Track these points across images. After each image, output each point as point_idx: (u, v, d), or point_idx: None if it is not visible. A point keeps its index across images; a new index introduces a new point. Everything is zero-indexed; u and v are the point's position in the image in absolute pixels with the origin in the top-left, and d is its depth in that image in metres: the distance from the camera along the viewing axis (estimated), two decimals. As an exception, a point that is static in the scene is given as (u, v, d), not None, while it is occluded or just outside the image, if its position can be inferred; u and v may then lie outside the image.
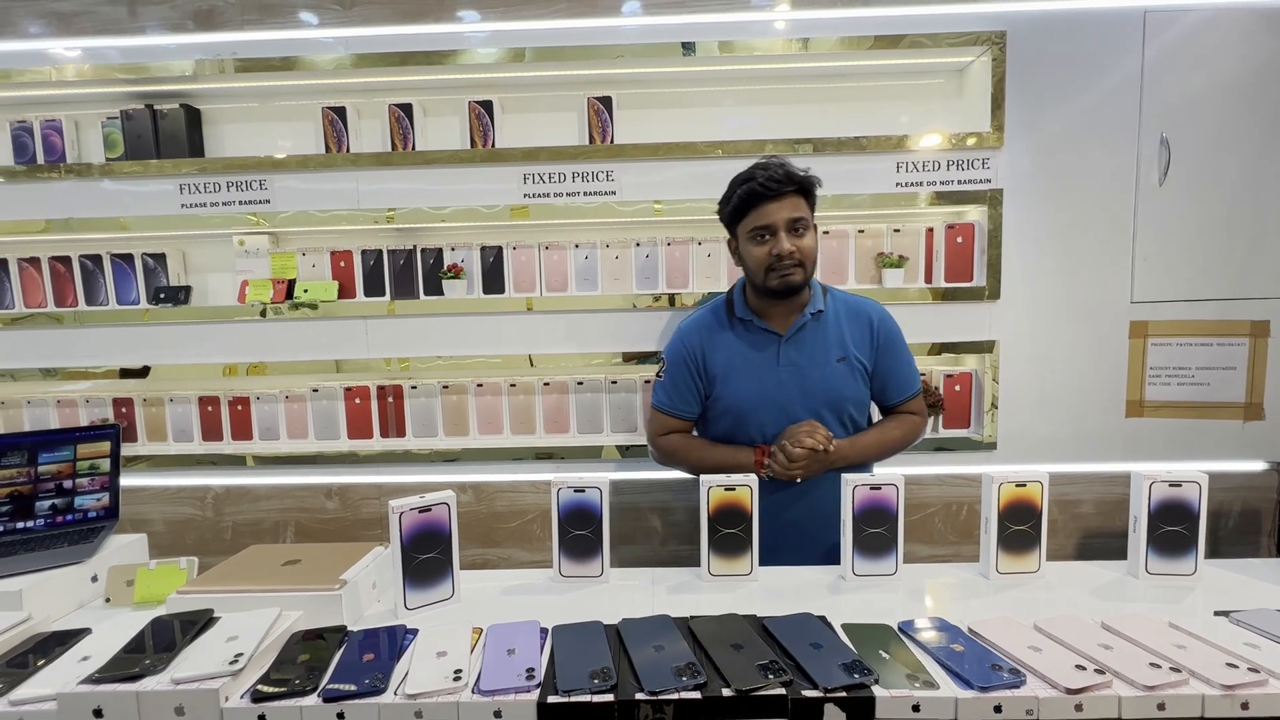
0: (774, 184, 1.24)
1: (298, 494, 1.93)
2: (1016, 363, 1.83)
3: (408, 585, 1.04)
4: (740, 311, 1.37)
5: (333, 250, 1.93)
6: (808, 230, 1.28)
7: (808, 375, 1.32)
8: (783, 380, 1.32)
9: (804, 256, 1.27)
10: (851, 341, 1.34)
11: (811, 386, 1.31)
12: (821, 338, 1.34)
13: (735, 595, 1.10)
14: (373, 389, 1.95)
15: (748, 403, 1.34)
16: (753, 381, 1.34)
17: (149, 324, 1.91)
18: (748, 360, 1.34)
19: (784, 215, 1.25)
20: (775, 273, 1.26)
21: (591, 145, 1.84)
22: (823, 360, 1.32)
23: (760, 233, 1.26)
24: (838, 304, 1.38)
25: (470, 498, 1.91)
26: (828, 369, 1.32)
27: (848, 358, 1.33)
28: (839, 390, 1.32)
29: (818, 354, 1.33)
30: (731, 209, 1.30)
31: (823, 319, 1.35)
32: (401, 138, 1.88)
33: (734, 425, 1.36)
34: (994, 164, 1.79)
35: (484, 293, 1.92)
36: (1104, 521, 1.86)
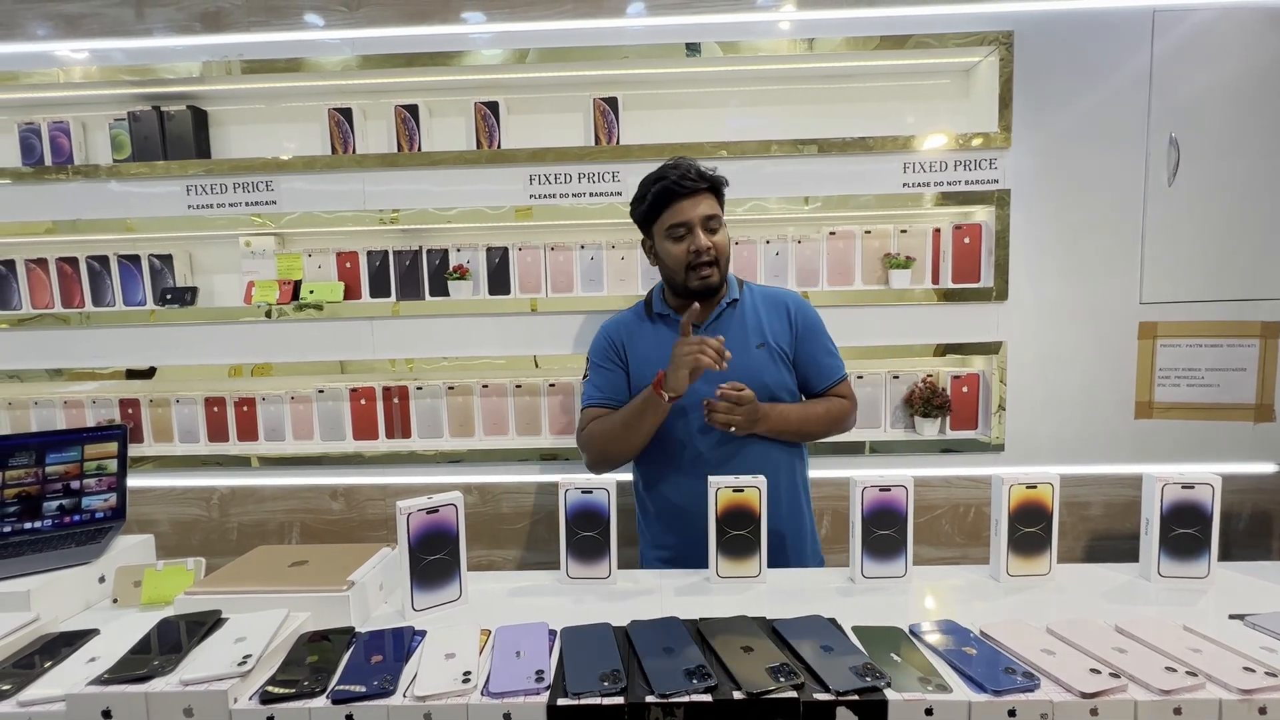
0: (688, 182, 1.28)
1: (303, 495, 1.93)
2: (1024, 364, 1.82)
3: (415, 586, 1.03)
4: (659, 308, 1.41)
5: (338, 251, 1.93)
6: (721, 227, 1.33)
7: (729, 363, 1.30)
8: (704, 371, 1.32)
9: (719, 253, 1.31)
10: (770, 329, 1.37)
11: (733, 374, 1.30)
12: (740, 325, 1.36)
13: (744, 597, 1.10)
14: (378, 390, 1.95)
15: None
16: None
17: (155, 325, 1.91)
18: (668, 354, 1.32)
19: (699, 212, 1.29)
20: (694, 272, 1.30)
21: (597, 146, 1.84)
22: (743, 348, 1.34)
23: (677, 230, 1.30)
24: (754, 294, 1.41)
25: (475, 499, 1.91)
26: (748, 355, 1.34)
27: (767, 344, 1.36)
28: (761, 376, 1.34)
29: (737, 342, 1.34)
30: (646, 208, 1.33)
31: (740, 307, 1.38)
32: (407, 139, 1.88)
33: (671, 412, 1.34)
34: (1001, 164, 1.78)
35: (490, 293, 1.92)
36: (1113, 523, 1.85)
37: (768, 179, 1.81)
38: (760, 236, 1.87)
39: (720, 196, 1.35)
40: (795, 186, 1.81)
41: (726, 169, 1.79)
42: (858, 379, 1.89)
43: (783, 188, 1.81)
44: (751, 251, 1.87)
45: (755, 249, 1.87)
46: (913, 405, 1.87)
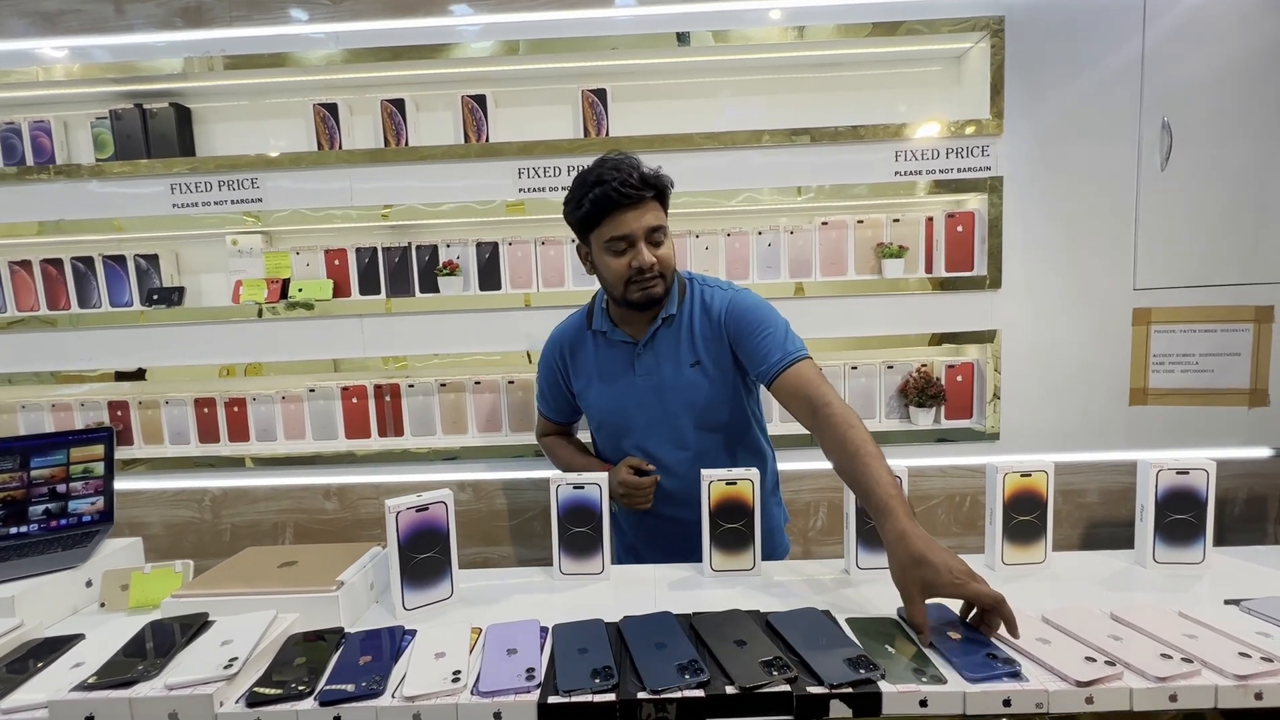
0: (630, 189, 1.11)
1: (296, 495, 1.91)
2: (1018, 352, 1.82)
3: (406, 585, 1.02)
4: (598, 323, 1.30)
5: (327, 249, 1.91)
6: (666, 238, 1.19)
7: (664, 383, 1.26)
8: (642, 390, 1.27)
9: (664, 268, 1.18)
10: (702, 342, 1.25)
11: (669, 395, 1.25)
12: (674, 343, 1.26)
13: (737, 590, 1.09)
14: (370, 388, 1.94)
15: (613, 415, 1.30)
16: (614, 394, 1.29)
17: (143, 326, 1.89)
18: (606, 373, 1.28)
19: (643, 224, 1.14)
20: (635, 285, 1.17)
21: (586, 138, 1.82)
22: (676, 366, 1.25)
23: (617, 244, 1.15)
24: (694, 303, 1.27)
25: (470, 496, 1.89)
26: (682, 375, 1.25)
27: (700, 361, 1.25)
28: (693, 397, 1.25)
29: (671, 360, 1.26)
30: (583, 215, 1.16)
31: (675, 323, 1.26)
32: (394, 133, 1.86)
33: (612, 436, 1.33)
34: (994, 151, 1.77)
35: (480, 289, 1.90)
36: (1109, 511, 1.85)
37: (759, 169, 1.80)
38: (752, 228, 1.86)
39: (665, 201, 1.19)
40: (787, 177, 1.80)
41: (717, 160, 1.79)
42: (851, 369, 1.88)
43: (774, 178, 1.80)
44: (744, 243, 1.86)
45: (748, 240, 1.86)
46: (907, 395, 1.86)
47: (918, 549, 0.85)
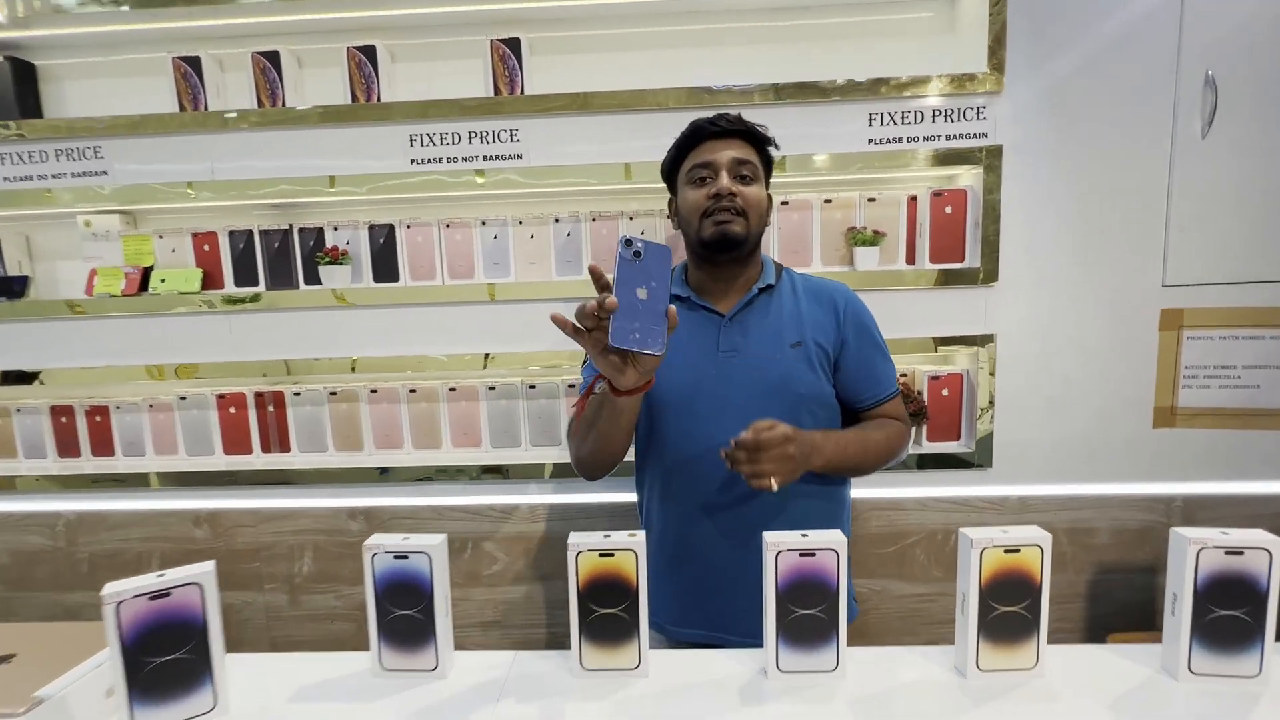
0: (723, 121, 1.05)
1: (163, 520, 1.64)
2: (1018, 361, 1.49)
3: (137, 702, 0.74)
4: (677, 288, 1.11)
5: (195, 232, 1.62)
6: (755, 181, 1.06)
7: (754, 363, 1.05)
8: (723, 368, 1.05)
9: (747, 204, 1.03)
10: (810, 324, 1.07)
11: (758, 376, 1.04)
12: (773, 318, 1.07)
13: (613, 701, 0.79)
14: (249, 396, 1.65)
15: (679, 394, 1.06)
16: (686, 369, 1.06)
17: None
18: (681, 344, 1.05)
19: (728, 154, 1.04)
20: (710, 219, 1.03)
21: (496, 98, 1.50)
22: (773, 345, 1.06)
23: (699, 173, 1.05)
24: (796, 282, 1.12)
25: (363, 526, 1.61)
26: (779, 355, 1.05)
27: (804, 342, 1.06)
28: (792, 382, 1.04)
29: (767, 337, 1.06)
30: (673, 152, 1.10)
31: (775, 295, 1.09)
32: (269, 93, 1.55)
33: (671, 421, 1.07)
34: (992, 114, 1.43)
35: (375, 280, 1.60)
36: (1123, 554, 1.53)
37: (703, 136, 1.47)
38: (697, 208, 1.53)
39: (763, 154, 1.08)
40: (738, 146, 1.47)
41: (648, 123, 1.47)
42: (816, 380, 1.57)
43: (722, 147, 1.47)
44: (686, 227, 1.54)
45: (691, 224, 1.54)
46: (882, 412, 1.54)
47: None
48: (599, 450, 1.02)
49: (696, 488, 1.06)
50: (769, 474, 0.91)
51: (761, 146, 1.07)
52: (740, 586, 1.05)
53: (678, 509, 1.09)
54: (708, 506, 1.06)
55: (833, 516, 1.11)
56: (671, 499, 1.09)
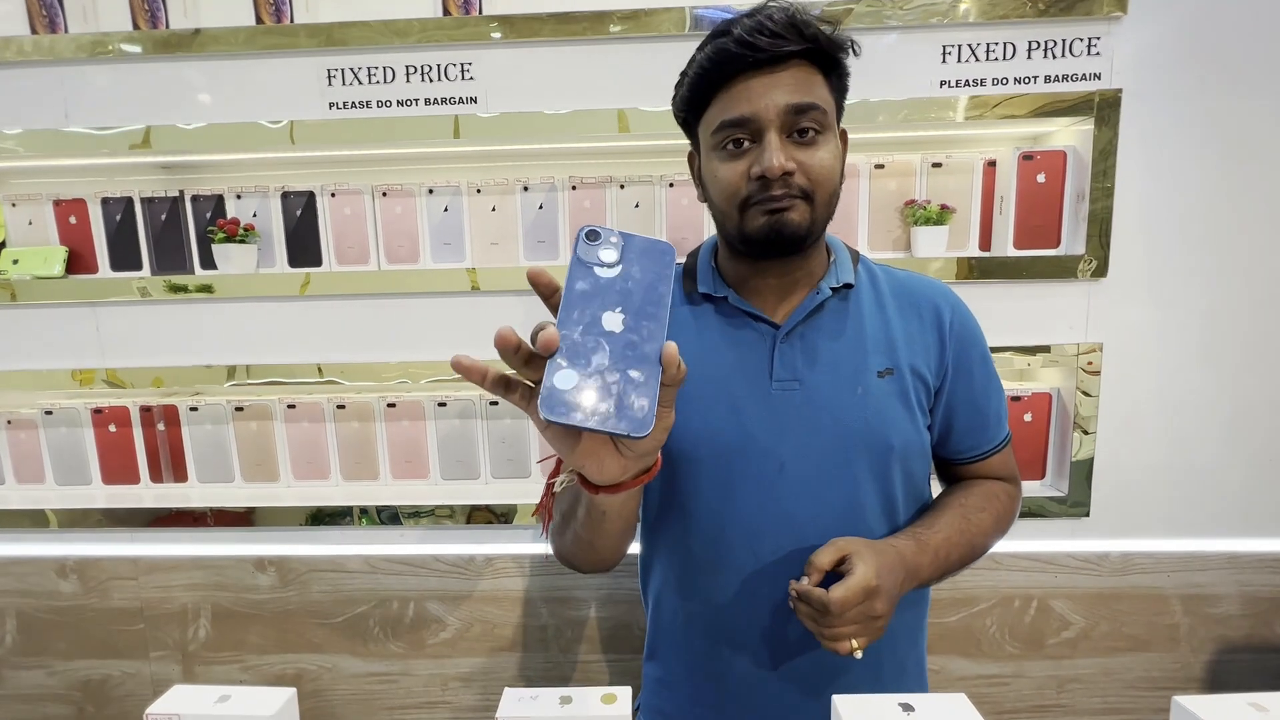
0: (763, 37, 0.61)
1: (19, 570, 1.28)
2: (1129, 378, 1.15)
3: None
4: (707, 284, 0.73)
5: (57, 199, 1.25)
6: (824, 135, 0.65)
7: (824, 402, 0.69)
8: (778, 409, 0.69)
9: (812, 180, 0.64)
10: (905, 343, 0.71)
11: (831, 423, 0.69)
12: (851, 334, 0.71)
13: None
14: (134, 411, 1.29)
15: (712, 447, 0.70)
16: (724, 410, 0.69)
17: None
18: (716, 368, 0.70)
19: (778, 100, 0.62)
20: (759, 207, 0.64)
21: (447, 18, 1.13)
22: (853, 374, 0.69)
23: (733, 133, 0.64)
24: (881, 282, 0.74)
25: (274, 580, 1.25)
26: (863, 388, 0.69)
27: (898, 369, 0.70)
28: (883, 429, 0.69)
29: (844, 363, 0.70)
30: (688, 89, 0.67)
31: (855, 301, 0.72)
32: (146, 12, 1.17)
33: (699, 488, 0.71)
34: (1108, 47, 1.07)
35: (290, 264, 1.24)
36: (1255, 628, 1.19)
37: (718, 76, 1.11)
38: (709, 174, 1.17)
39: (835, 76, 0.66)
40: (764, 90, 1.11)
41: (643, 55, 1.11)
42: (860, 399, 1.22)
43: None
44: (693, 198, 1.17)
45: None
46: (945, 441, 1.19)
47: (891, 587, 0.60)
48: (580, 556, 0.67)
49: (734, 591, 0.70)
50: (847, 636, 0.59)
51: (830, 64, 0.66)
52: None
53: (706, 620, 0.73)
54: (752, 623, 0.70)
55: (916, 624, 0.76)
56: (697, 599, 0.73)
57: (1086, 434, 1.16)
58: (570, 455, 0.45)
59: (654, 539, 0.77)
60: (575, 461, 0.46)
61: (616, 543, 0.64)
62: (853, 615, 0.58)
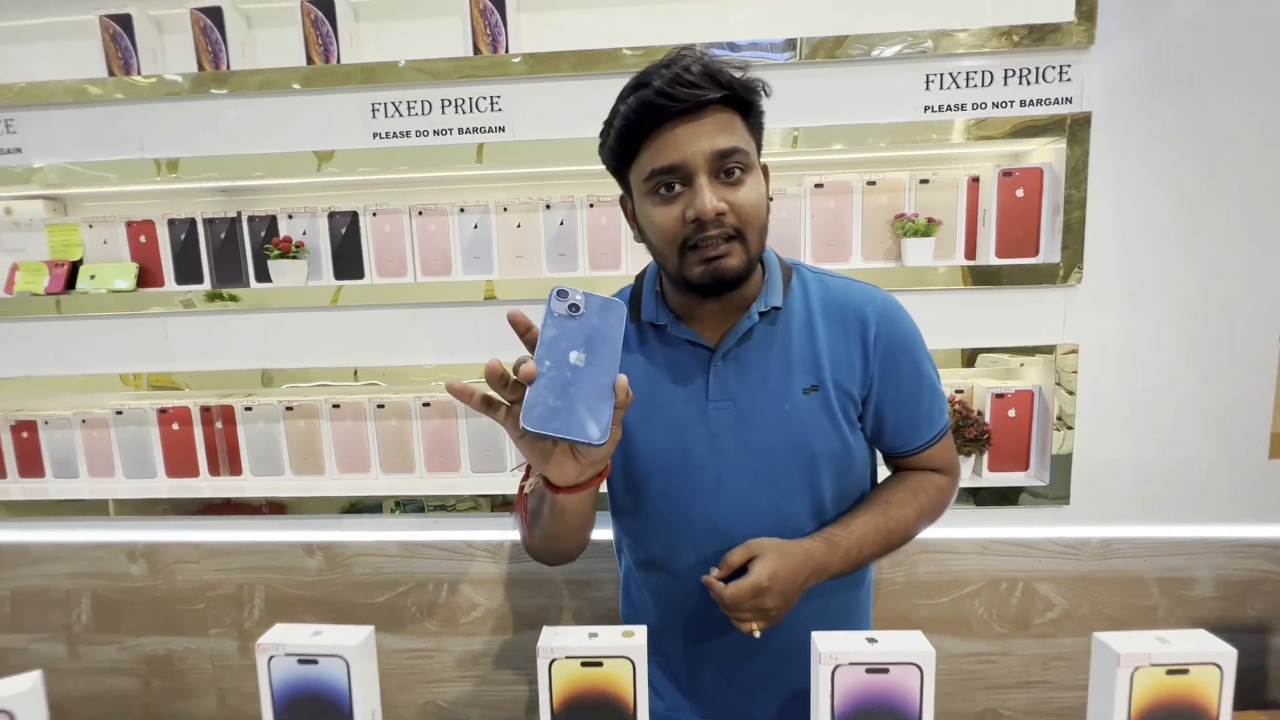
0: (682, 88, 0.66)
1: (94, 554, 1.42)
2: (1104, 376, 1.24)
3: None
4: (651, 312, 0.80)
5: (129, 221, 1.39)
6: (748, 174, 0.70)
7: (752, 414, 0.76)
8: (714, 426, 0.77)
9: (743, 220, 0.69)
10: (830, 359, 0.77)
11: (761, 438, 0.76)
12: (779, 353, 0.77)
13: None
14: (194, 411, 1.43)
15: (660, 461, 0.79)
16: (664, 429, 0.78)
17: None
18: (658, 392, 0.78)
19: (701, 147, 0.67)
20: (696, 253, 0.69)
21: (477, 57, 1.26)
22: (780, 391, 0.76)
23: (663, 179, 0.69)
24: (812, 296, 0.80)
25: (321, 563, 1.38)
26: (790, 404, 0.76)
27: (822, 385, 0.77)
28: (807, 440, 0.76)
29: (771, 380, 0.77)
30: (616, 140, 0.72)
31: (781, 320, 0.78)
32: (210, 56, 1.31)
33: (651, 496, 0.80)
34: (1079, 74, 1.17)
35: (336, 277, 1.37)
36: (1228, 608, 1.27)
37: (722, 104, 1.22)
38: (714, 192, 1.29)
39: (752, 117, 0.71)
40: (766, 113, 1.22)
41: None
42: (855, 397, 1.32)
43: (746, 118, 1.23)
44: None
45: (707, 210, 1.29)
46: (935, 436, 1.29)
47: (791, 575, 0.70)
48: (549, 549, 0.77)
49: (684, 584, 0.80)
50: (746, 621, 0.69)
51: (746, 107, 0.70)
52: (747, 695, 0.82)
53: (662, 602, 0.85)
54: (698, 608, 0.80)
55: (855, 603, 0.87)
56: (654, 585, 0.85)
57: (1067, 429, 1.25)
58: (539, 460, 0.58)
59: (621, 532, 0.88)
60: (542, 466, 0.58)
61: (576, 537, 0.75)
62: (746, 607, 0.68)
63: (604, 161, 0.77)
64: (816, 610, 0.77)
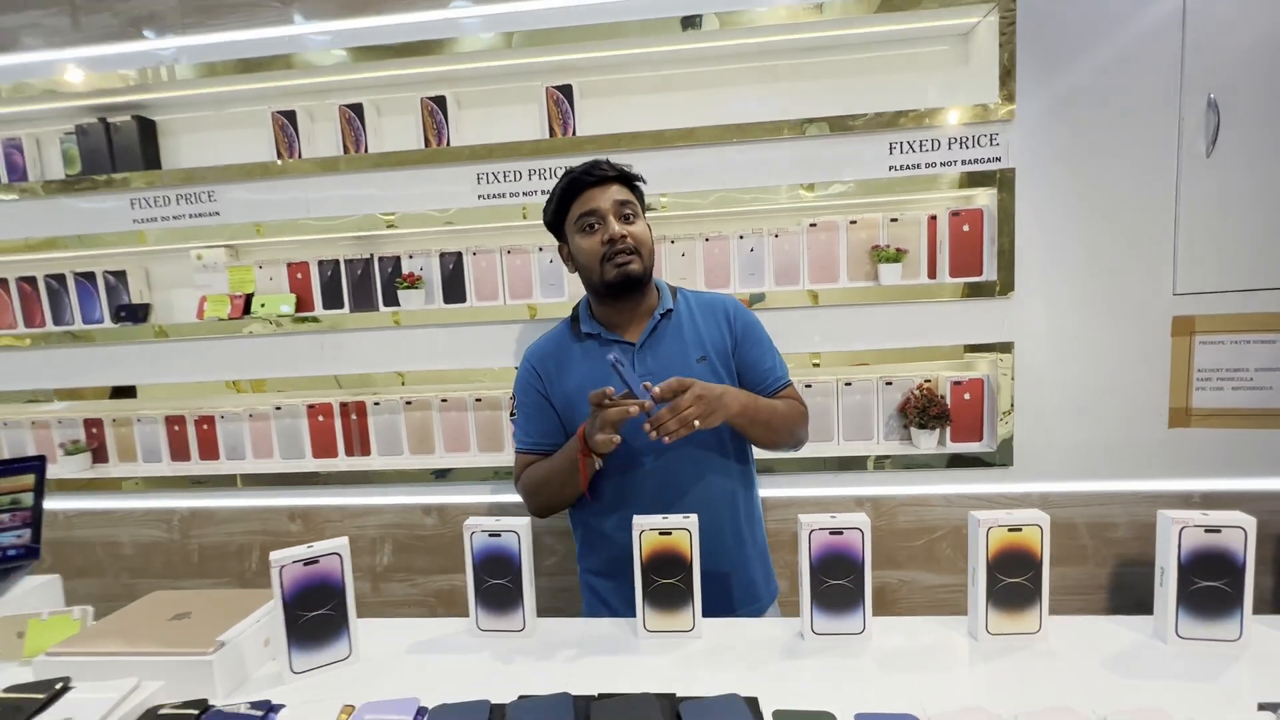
0: (596, 170, 1.17)
1: (262, 516, 1.86)
2: (1036, 366, 1.60)
3: (294, 646, 0.92)
4: (587, 326, 1.24)
5: (289, 262, 1.84)
6: (639, 218, 1.19)
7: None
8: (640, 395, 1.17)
9: (638, 242, 1.16)
10: (709, 339, 1.22)
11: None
12: (677, 339, 1.22)
13: (673, 657, 0.95)
14: (335, 406, 1.86)
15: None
16: None
17: (114, 344, 1.86)
18: (601, 378, 1.16)
19: (610, 198, 1.16)
20: (611, 263, 1.15)
21: (552, 139, 1.69)
22: (682, 362, 1.19)
23: (588, 221, 1.17)
24: (690, 302, 1.27)
25: (436, 520, 1.80)
26: (688, 371, 1.17)
27: (708, 356, 1.21)
28: None
29: (675, 357, 1.20)
30: (555, 205, 1.21)
31: (675, 318, 1.24)
32: (354, 140, 1.77)
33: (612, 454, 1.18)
34: (1004, 139, 1.56)
35: (445, 302, 1.80)
36: (1143, 548, 1.62)
37: (736, 167, 1.64)
38: (732, 231, 1.70)
39: (637, 192, 1.22)
40: (769, 174, 1.63)
41: (691, 158, 1.65)
42: (845, 386, 1.71)
43: (755, 176, 1.64)
44: (723, 248, 1.70)
45: (728, 245, 1.70)
46: (908, 415, 1.67)
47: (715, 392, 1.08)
48: (568, 502, 1.23)
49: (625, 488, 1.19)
50: (692, 417, 1.02)
51: (631, 184, 1.20)
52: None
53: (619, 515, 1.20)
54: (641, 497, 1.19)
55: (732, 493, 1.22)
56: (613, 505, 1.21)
57: (1010, 408, 1.62)
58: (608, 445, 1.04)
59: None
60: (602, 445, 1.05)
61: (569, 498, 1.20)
62: (689, 399, 1.02)
63: (546, 223, 1.24)
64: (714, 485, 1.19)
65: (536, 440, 1.27)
